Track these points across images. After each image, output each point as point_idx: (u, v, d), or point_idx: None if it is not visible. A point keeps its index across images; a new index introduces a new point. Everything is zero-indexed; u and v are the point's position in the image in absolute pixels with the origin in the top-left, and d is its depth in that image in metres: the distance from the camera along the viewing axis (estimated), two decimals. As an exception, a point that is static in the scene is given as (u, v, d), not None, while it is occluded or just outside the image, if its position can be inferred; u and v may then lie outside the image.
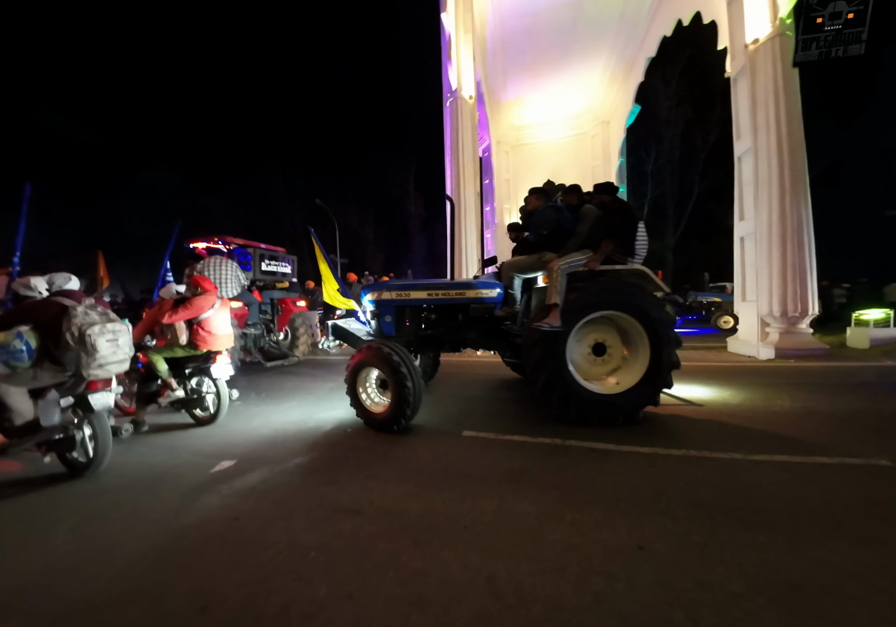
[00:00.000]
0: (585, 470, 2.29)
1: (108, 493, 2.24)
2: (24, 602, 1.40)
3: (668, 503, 1.89)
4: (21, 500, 2.22)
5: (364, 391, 3.33)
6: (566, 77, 14.42)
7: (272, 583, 1.44)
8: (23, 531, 1.88)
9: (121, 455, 2.82)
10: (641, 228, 3.38)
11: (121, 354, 2.54)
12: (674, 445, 2.61)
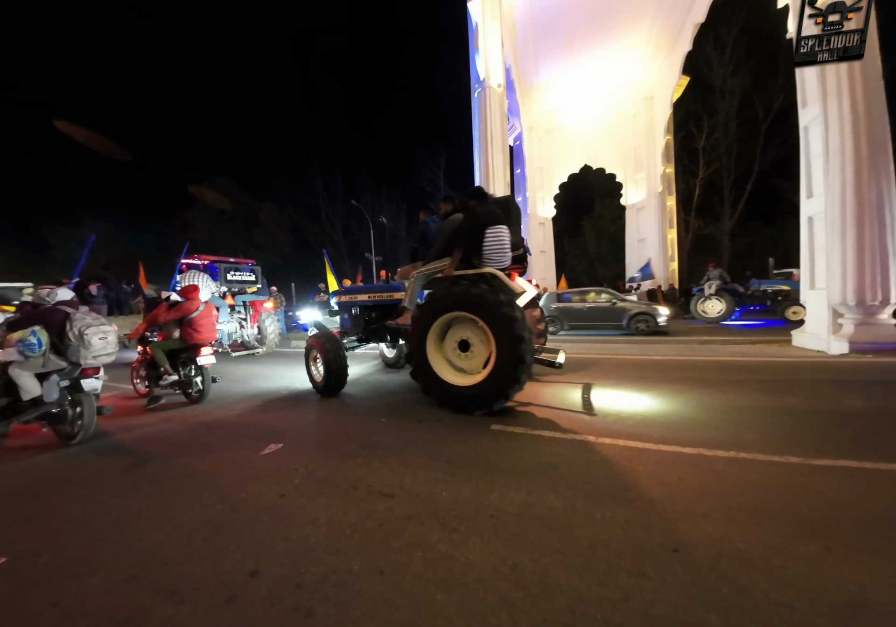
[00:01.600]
0: (620, 468, 2.21)
1: (178, 467, 2.56)
2: (106, 558, 1.66)
3: (711, 507, 1.79)
4: (103, 472, 2.59)
5: (313, 366, 4.55)
6: (603, 53, 13.53)
7: (313, 555, 1.58)
8: (108, 499, 2.21)
9: (187, 436, 3.20)
10: (494, 232, 3.41)
11: (109, 348, 3.29)
12: (721, 446, 2.45)
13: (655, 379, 4.40)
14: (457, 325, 3.61)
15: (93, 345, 3.15)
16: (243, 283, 8.81)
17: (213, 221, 30.44)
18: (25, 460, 2.90)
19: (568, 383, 4.43)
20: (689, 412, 3.18)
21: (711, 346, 6.72)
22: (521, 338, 3.12)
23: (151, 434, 3.34)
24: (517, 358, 3.13)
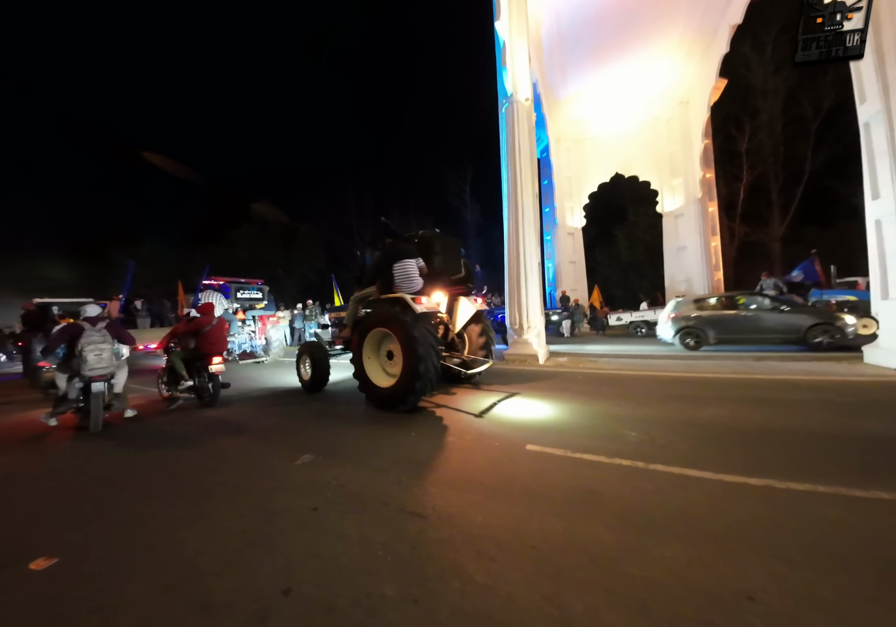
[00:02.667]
0: (674, 499, 1.99)
1: (216, 474, 2.63)
2: (147, 565, 1.70)
3: (786, 547, 1.55)
4: (150, 476, 2.71)
5: (302, 367, 5.68)
6: (633, 62, 13.34)
7: (345, 575, 1.53)
8: (153, 504, 2.29)
9: (225, 442, 3.31)
10: (401, 264, 4.32)
11: (103, 363, 4.02)
12: (793, 477, 2.15)
13: (707, 399, 4.04)
14: (386, 338, 4.33)
15: (87, 361, 3.90)
16: (251, 300, 10.09)
17: (255, 240, 32.59)
18: (79, 462, 3.11)
19: (604, 402, 4.17)
20: (751, 437, 2.85)
21: (769, 362, 6.11)
22: (417, 352, 3.71)
23: (194, 439, 3.48)
24: (414, 368, 3.73)
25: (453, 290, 5.22)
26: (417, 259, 4.47)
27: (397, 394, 3.94)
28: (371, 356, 4.45)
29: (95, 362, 3.95)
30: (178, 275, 24.45)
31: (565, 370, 6.18)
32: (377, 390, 4.20)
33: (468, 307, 5.08)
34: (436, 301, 4.62)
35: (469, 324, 5.29)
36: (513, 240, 7.53)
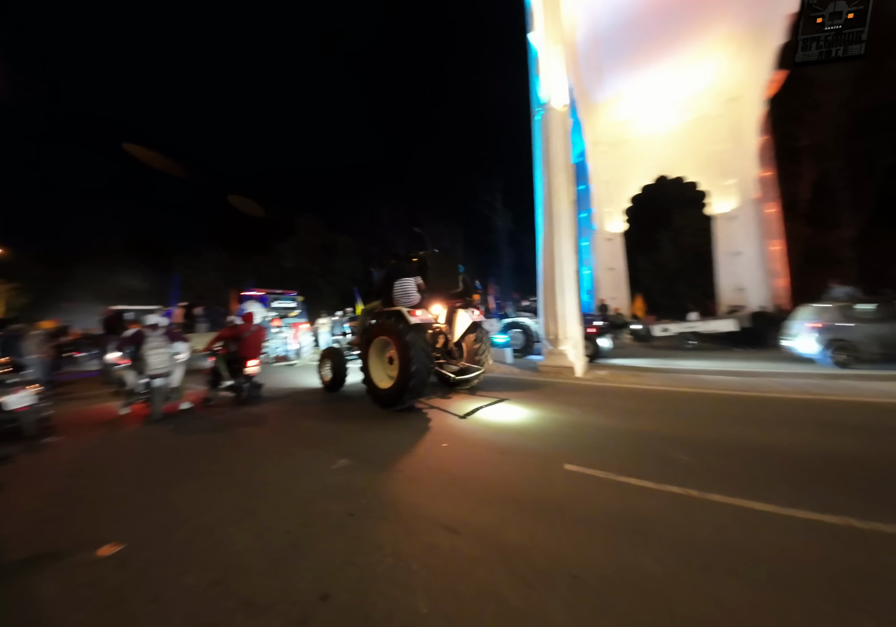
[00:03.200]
0: (735, 535, 1.79)
1: (261, 472, 2.77)
2: (200, 559, 1.81)
3: (870, 596, 1.33)
4: (206, 472, 2.91)
5: (323, 370, 6.37)
6: (677, 60, 12.76)
7: (380, 586, 1.53)
8: (209, 498, 2.45)
9: (269, 443, 3.48)
10: (400, 282, 4.91)
11: (163, 364, 4.81)
12: (880, 516, 1.86)
13: (771, 421, 3.63)
14: (387, 345, 4.82)
15: (149, 362, 4.73)
16: (286, 309, 11.25)
17: (299, 252, 34.90)
18: (142, 459, 3.42)
19: (650, 420, 3.90)
20: (827, 467, 2.51)
21: (844, 382, 5.39)
22: (410, 356, 4.26)
23: (243, 437, 3.72)
24: (408, 369, 4.27)
25: (452, 303, 5.79)
26: (416, 277, 5.01)
27: (395, 394, 4.47)
28: (375, 361, 5.01)
29: (156, 363, 4.78)
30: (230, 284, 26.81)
31: (606, 385, 5.86)
32: (378, 391, 4.76)
33: (465, 319, 5.63)
34: (435, 313, 5.31)
35: (466, 334, 5.74)
36: (547, 247, 7.37)
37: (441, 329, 5.72)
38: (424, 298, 5.09)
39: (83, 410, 5.77)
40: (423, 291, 5.09)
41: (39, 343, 6.80)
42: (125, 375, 5.05)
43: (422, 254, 5.62)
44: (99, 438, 4.15)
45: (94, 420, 4.97)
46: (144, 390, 4.90)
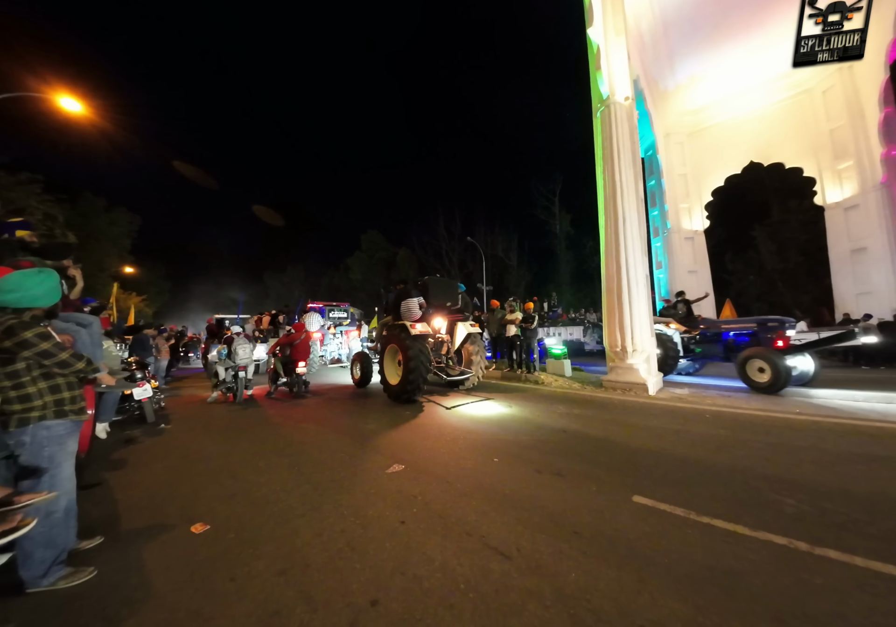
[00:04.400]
0: (856, 605, 1.41)
1: (328, 471, 2.97)
2: (270, 546, 1.98)
3: None
4: (277, 464, 3.21)
5: (354, 370, 7.79)
6: (766, 29, 11.05)
7: (428, 601, 1.51)
8: (280, 490, 2.69)
9: (336, 442, 3.73)
10: (405, 302, 6.25)
11: (247, 357, 6.51)
12: None
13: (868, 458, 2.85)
14: (397, 351, 5.96)
15: (238, 355, 6.43)
16: (340, 318, 13.37)
17: (365, 265, 37.88)
18: (235, 449, 3.90)
19: (744, 452, 3.32)
20: None
21: None
22: (409, 360, 5.46)
23: (313, 437, 4.04)
24: (408, 370, 5.50)
25: (452, 317, 6.91)
26: (418, 298, 6.34)
27: (401, 389, 5.65)
28: (389, 363, 6.26)
29: (243, 356, 6.48)
30: (309, 295, 29.95)
31: (686, 406, 5.09)
32: (390, 387, 5.95)
33: (463, 330, 6.68)
34: (437, 326, 6.63)
35: (464, 343, 6.83)
36: (612, 250, 6.83)
37: (443, 339, 6.79)
38: (427, 314, 6.38)
39: (191, 400, 6.87)
40: (426, 308, 6.38)
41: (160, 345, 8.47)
42: (218, 369, 6.73)
43: (425, 279, 6.97)
44: (202, 426, 4.87)
45: (198, 409, 6.07)
46: (231, 380, 6.59)
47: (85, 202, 25.51)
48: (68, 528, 1.87)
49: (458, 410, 5.25)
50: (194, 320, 37.33)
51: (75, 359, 1.84)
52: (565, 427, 4.15)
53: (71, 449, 1.90)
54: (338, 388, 7.92)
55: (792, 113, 13.13)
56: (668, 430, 3.94)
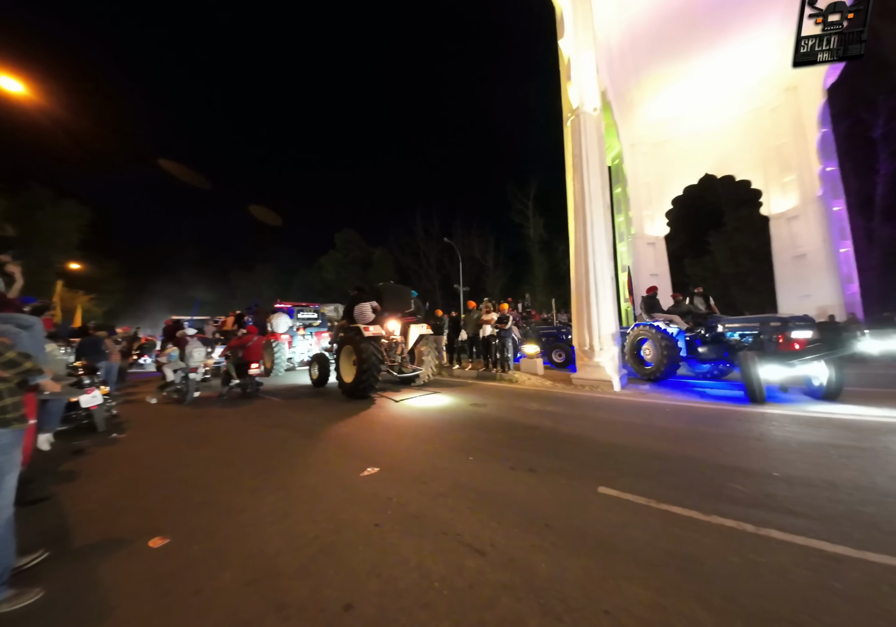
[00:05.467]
0: (800, 581, 1.56)
1: (300, 476, 2.89)
2: (238, 556, 1.91)
3: None
4: (246, 472, 3.09)
5: (313, 370, 8.05)
6: (724, 51, 11.98)
7: (403, 602, 1.52)
8: (248, 498, 2.59)
9: (308, 447, 3.63)
10: (359, 306, 6.72)
11: (200, 360, 6.66)
12: None
13: (852, 450, 3.19)
14: (352, 351, 6.36)
15: (192, 357, 6.57)
16: (309, 319, 12.67)
17: (339, 264, 36.92)
18: (194, 456, 3.71)
19: (702, 444, 3.57)
20: None
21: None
22: (363, 360, 5.93)
23: (283, 442, 3.90)
24: (359, 372, 6.00)
25: (406, 320, 7.45)
26: (371, 302, 6.84)
27: (355, 386, 6.11)
28: (344, 363, 6.69)
29: (197, 358, 6.61)
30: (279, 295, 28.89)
31: (649, 401, 5.43)
32: (345, 384, 6.41)
33: (416, 332, 7.26)
34: (391, 328, 7.16)
35: (417, 343, 7.39)
36: (580, 254, 7.12)
37: (397, 340, 7.26)
38: (380, 317, 6.91)
39: (148, 407, 6.43)
40: (379, 312, 6.90)
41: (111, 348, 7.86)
42: (166, 371, 6.75)
43: (379, 285, 7.55)
44: (160, 434, 4.57)
45: (155, 417, 5.66)
46: (181, 381, 6.62)
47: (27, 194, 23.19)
48: (9, 545, 1.71)
49: (407, 402, 5.87)
50: (153, 322, 34.82)
51: (23, 358, 1.69)
52: (537, 424, 4.29)
53: (17, 460, 1.76)
54: (297, 388, 8.02)
55: (743, 129, 14.26)
56: (632, 424, 4.18)
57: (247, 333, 7.32)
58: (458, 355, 10.12)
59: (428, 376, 7.42)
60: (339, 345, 6.88)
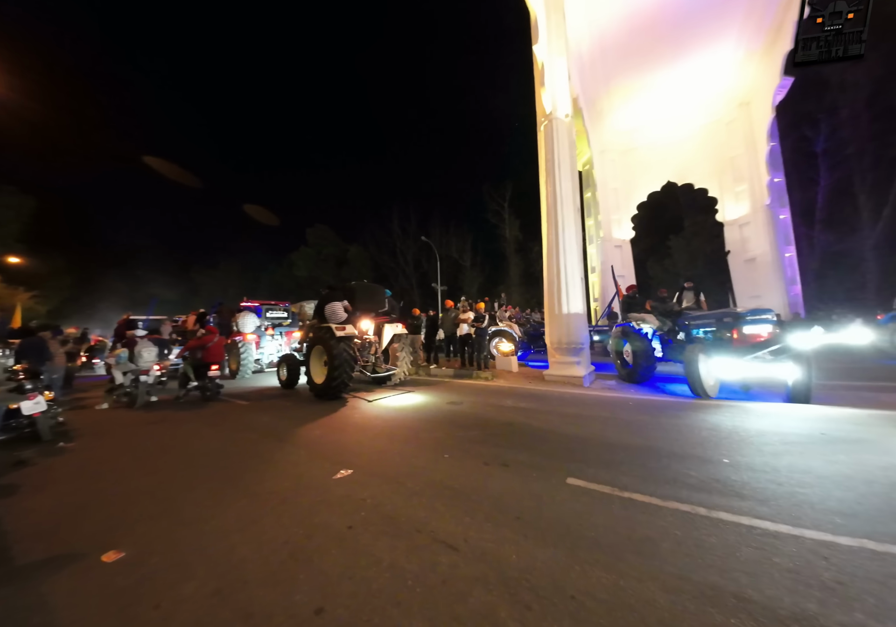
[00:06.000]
0: (745, 558, 1.71)
1: (268, 481, 2.80)
2: (201, 567, 1.83)
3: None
4: (212, 477, 2.96)
5: (282, 371, 7.76)
6: (685, 66, 12.75)
7: (375, 602, 1.52)
8: (213, 506, 2.48)
9: (277, 451, 3.52)
10: (330, 306, 6.58)
11: (150, 361, 6.36)
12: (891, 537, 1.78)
13: (796, 444, 3.51)
14: (323, 351, 6.21)
15: (142, 358, 6.29)
16: (278, 318, 12.03)
17: (311, 261, 35.69)
18: (150, 463, 3.49)
19: (662, 435, 3.80)
20: (855, 489, 2.41)
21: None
22: (334, 358, 5.81)
23: (252, 447, 3.76)
24: (332, 369, 5.83)
25: (380, 320, 7.40)
26: (343, 302, 6.71)
27: (326, 386, 5.96)
28: (315, 363, 6.50)
29: (147, 358, 6.33)
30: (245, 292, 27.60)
31: (614, 395, 5.72)
32: (316, 385, 6.24)
33: (390, 331, 7.24)
34: (364, 328, 7.07)
35: (391, 343, 7.33)
36: (552, 254, 7.35)
37: (371, 340, 7.18)
38: (353, 316, 6.78)
39: (99, 413, 5.96)
40: (352, 312, 6.78)
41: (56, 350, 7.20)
42: (115, 374, 6.49)
43: (352, 284, 7.49)
44: (114, 442, 4.27)
45: (107, 424, 5.23)
46: (130, 385, 6.29)
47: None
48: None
49: (381, 402, 5.81)
50: (107, 322, 32.18)
51: None
52: (511, 420, 4.39)
53: None
54: (265, 390, 7.72)
55: (702, 140, 15.24)
56: (598, 417, 4.39)
57: (206, 333, 7.01)
58: (435, 353, 10.14)
59: (403, 375, 7.36)
60: (309, 345, 6.71)
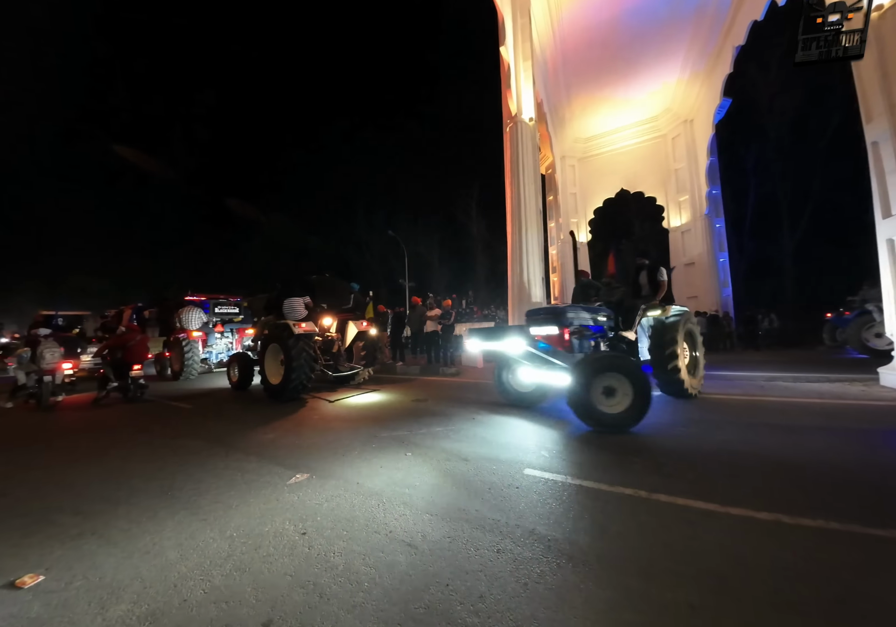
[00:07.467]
0: (679, 535, 1.87)
1: (212, 491, 2.59)
2: (133, 586, 1.65)
3: (802, 598, 1.44)
4: (145, 490, 2.68)
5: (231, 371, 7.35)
6: (637, 82, 13.65)
7: (327, 609, 1.46)
8: (146, 522, 2.25)
9: (223, 457, 3.27)
10: (288, 301, 6.15)
11: (52, 361, 6.11)
12: (805, 512, 2.03)
13: (716, 423, 3.89)
14: (278, 350, 5.87)
15: (45, 358, 6.04)
16: (229, 314, 11.19)
17: (267, 254, 33.66)
18: (69, 472, 3.10)
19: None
20: (762, 466, 2.72)
21: (780, 384, 5.91)
22: (293, 358, 5.47)
23: (194, 455, 3.46)
24: (290, 370, 5.50)
25: (343, 316, 7.14)
26: (304, 297, 6.30)
27: (282, 387, 5.66)
28: (270, 362, 6.16)
29: (49, 359, 6.06)
30: (190, 285, 25.21)
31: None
32: (271, 386, 5.93)
33: (354, 329, 7.06)
34: (327, 325, 6.69)
35: (355, 341, 7.14)
36: (516, 254, 7.57)
37: (333, 337, 6.92)
38: (314, 313, 6.36)
39: (7, 420, 5.19)
40: (313, 307, 6.36)
41: None
42: (18, 374, 6.20)
43: (313, 278, 7.22)
44: (26, 452, 3.72)
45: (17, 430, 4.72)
46: (34, 385, 6.09)
47: None
48: None
49: (344, 402, 5.67)
50: (20, 319, 28.00)
51: None
52: (475, 415, 4.47)
53: None
54: (212, 392, 7.36)
55: (651, 152, 16.45)
56: (555, 409, 4.59)
57: (127, 331, 6.69)
58: (401, 351, 10.02)
59: (368, 374, 7.22)
60: (263, 343, 6.32)
